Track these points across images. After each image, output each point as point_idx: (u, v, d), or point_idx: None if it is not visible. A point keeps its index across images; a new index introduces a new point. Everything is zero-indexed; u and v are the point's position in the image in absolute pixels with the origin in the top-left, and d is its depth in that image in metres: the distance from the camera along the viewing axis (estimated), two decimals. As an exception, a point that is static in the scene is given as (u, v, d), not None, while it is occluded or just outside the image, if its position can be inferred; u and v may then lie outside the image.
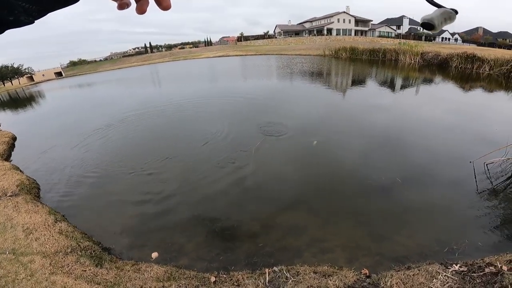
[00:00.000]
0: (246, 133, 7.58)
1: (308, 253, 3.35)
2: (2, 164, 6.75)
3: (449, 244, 3.29)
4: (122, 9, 0.48)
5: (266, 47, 53.31)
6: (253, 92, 13.48)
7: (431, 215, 3.94)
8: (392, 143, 6.34)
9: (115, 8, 0.49)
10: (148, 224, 4.23)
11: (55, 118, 13.98)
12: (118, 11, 0.50)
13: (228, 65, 31.14)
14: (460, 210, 4.00)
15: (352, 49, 27.36)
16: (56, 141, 9.05)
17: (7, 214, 4.37)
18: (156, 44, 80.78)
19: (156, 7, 0.48)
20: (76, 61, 69.53)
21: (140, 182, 5.55)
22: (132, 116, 11.45)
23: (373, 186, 4.68)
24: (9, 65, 47.55)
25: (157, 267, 3.20)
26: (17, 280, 3.10)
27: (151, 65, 48.49)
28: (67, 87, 32.15)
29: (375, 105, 9.89)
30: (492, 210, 3.89)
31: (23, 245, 3.66)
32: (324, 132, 7.04)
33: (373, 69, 19.76)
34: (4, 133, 10.72)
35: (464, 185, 4.52)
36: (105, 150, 7.62)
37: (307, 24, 66.59)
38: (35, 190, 5.48)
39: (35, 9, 0.44)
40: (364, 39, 48.58)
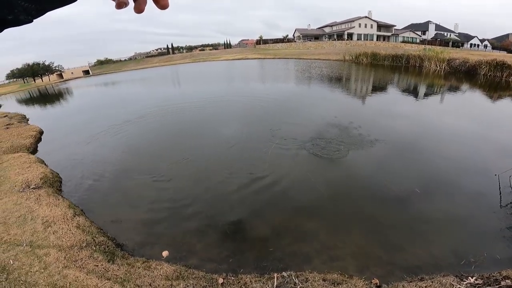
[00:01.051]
0: (260, 137, 7.56)
1: (318, 260, 3.31)
2: (28, 157, 7.15)
3: (466, 256, 3.18)
4: (120, 8, 0.47)
5: (285, 51, 53.24)
6: (266, 97, 13.46)
7: (449, 226, 3.79)
8: (413, 152, 6.11)
9: None
10: (161, 222, 4.31)
11: (80, 114, 14.69)
12: None
13: (247, 68, 31.39)
14: (481, 223, 3.85)
15: (374, 54, 26.70)
16: (80, 136, 9.51)
17: (29, 206, 4.57)
18: (177, 46, 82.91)
19: (179, 8, 0.46)
20: (103, 60, 72.81)
21: (157, 181, 5.68)
22: (152, 113, 11.88)
23: (390, 195, 4.56)
24: (40, 62, 50.52)
25: (167, 265, 3.25)
26: (30, 272, 3.21)
27: (172, 66, 49.87)
28: (93, 85, 33.70)
29: (396, 112, 9.57)
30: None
31: (40, 238, 3.80)
32: (342, 138, 6.88)
33: (395, 76, 19.15)
34: (32, 127, 11.39)
35: (487, 198, 4.34)
36: (126, 147, 7.91)
37: (327, 28, 65.82)
38: (57, 184, 5.74)
39: (34, 8, 0.45)
40: (386, 44, 47.29)
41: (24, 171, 6.10)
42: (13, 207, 4.57)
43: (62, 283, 3.00)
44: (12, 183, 5.47)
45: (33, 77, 50.63)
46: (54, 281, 3.05)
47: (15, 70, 50.57)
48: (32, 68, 49.25)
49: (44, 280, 3.07)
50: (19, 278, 3.12)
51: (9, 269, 3.26)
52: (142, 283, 2.96)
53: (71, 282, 3.01)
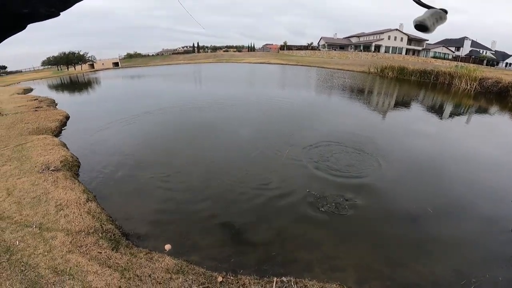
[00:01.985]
0: (272, 144, 7.51)
1: (319, 269, 3.29)
2: (52, 140, 7.52)
3: (468, 277, 3.17)
4: None
5: (308, 58, 52.97)
6: (281, 105, 13.40)
7: (455, 247, 3.73)
8: (431, 172, 5.87)
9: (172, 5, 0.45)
10: (168, 216, 4.37)
11: (105, 103, 15.40)
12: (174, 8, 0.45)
13: (267, 73, 31.50)
14: (488, 246, 3.79)
15: (401, 68, 25.91)
16: (103, 124, 9.92)
17: (45, 188, 4.74)
18: (203, 45, 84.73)
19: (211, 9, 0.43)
20: (132, 54, 75.73)
21: (169, 175, 5.78)
22: (172, 108, 12.26)
23: (400, 212, 4.47)
24: (75, 51, 53.36)
25: (169, 258, 3.28)
26: (33, 255, 3.27)
27: (196, 64, 51.02)
28: (120, 77, 35.11)
29: (417, 130, 9.20)
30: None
31: (51, 221, 3.89)
32: (356, 152, 6.68)
33: (421, 92, 18.46)
34: (59, 111, 12.01)
35: (499, 224, 4.23)
36: (144, 139, 8.15)
37: (354, 39, 64.79)
38: (75, 168, 5.98)
39: None
40: (415, 59, 45.81)
41: (46, 152, 6.41)
42: (30, 188, 4.76)
43: (62, 267, 3.06)
44: (33, 163, 5.76)
45: (66, 65, 53.54)
46: (55, 264, 3.10)
47: (51, 57, 53.64)
48: (67, 56, 52.08)
49: (45, 263, 3.13)
50: (20, 260, 3.19)
51: (13, 250, 3.34)
52: (142, 274, 3.00)
53: (72, 267, 3.07)
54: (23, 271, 3.02)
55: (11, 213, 4.05)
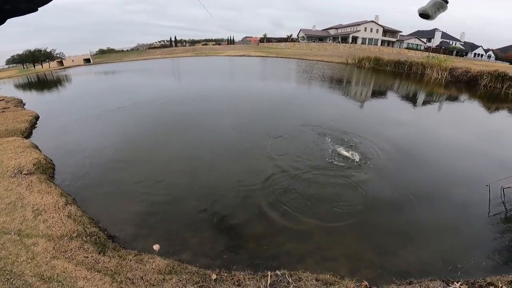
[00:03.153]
0: (255, 136, 7.51)
1: (312, 260, 3.35)
2: (22, 142, 7.03)
3: (454, 263, 3.29)
4: None
5: (288, 50, 53.07)
6: (262, 96, 13.40)
7: (438, 233, 3.92)
8: (408, 160, 6.14)
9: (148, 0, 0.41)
10: (155, 215, 4.25)
11: (77, 101, 14.54)
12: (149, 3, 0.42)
13: (248, 65, 31.26)
14: (469, 231, 3.98)
15: (377, 59, 26.70)
16: (76, 123, 9.39)
17: (20, 193, 4.45)
18: (180, 39, 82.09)
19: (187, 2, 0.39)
20: (105, 50, 71.91)
21: (152, 171, 5.62)
22: (147, 103, 11.85)
23: (384, 200, 4.61)
24: (42, 49, 49.93)
25: (160, 259, 3.21)
26: (16, 262, 3.11)
27: (174, 58, 49.49)
28: (92, 73, 33.34)
29: (392, 119, 9.58)
30: (501, 234, 3.87)
31: (30, 227, 3.69)
32: (336, 142, 6.84)
33: (396, 82, 19.17)
34: (28, 111, 11.23)
35: (477, 208, 4.50)
36: (121, 136, 7.83)
37: (332, 30, 65.62)
38: (50, 170, 5.64)
39: None
40: (390, 50, 47.27)
41: (17, 155, 5.99)
42: (3, 193, 4.46)
43: (49, 274, 2.92)
44: (4, 167, 5.36)
45: (33, 63, 50.04)
46: (41, 271, 2.96)
47: (15, 55, 49.96)
48: (33, 54, 48.71)
49: (30, 270, 2.98)
50: (4, 268, 3.02)
51: None
52: (134, 276, 2.91)
53: (59, 273, 2.93)
54: (9, 279, 2.86)
55: None
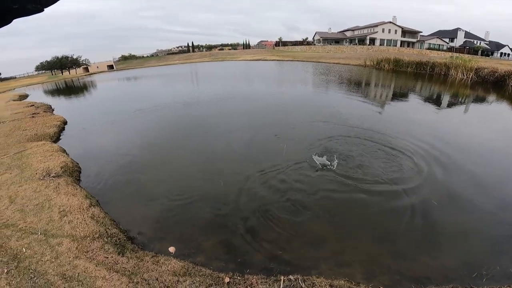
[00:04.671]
0: (271, 139, 7.53)
1: (326, 265, 3.29)
2: (51, 146, 7.46)
3: (479, 269, 3.14)
4: None
5: (303, 53, 52.79)
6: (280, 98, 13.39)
7: (464, 239, 3.73)
8: (433, 163, 5.84)
9: (159, 5, 0.43)
10: (172, 218, 4.37)
11: (102, 106, 15.35)
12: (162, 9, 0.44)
13: (264, 69, 31.40)
14: (497, 237, 3.75)
15: (396, 60, 25.92)
16: (101, 128, 9.92)
17: (47, 195, 4.71)
18: (197, 44, 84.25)
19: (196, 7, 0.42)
20: (127, 56, 75.24)
21: (170, 175, 5.81)
22: (169, 109, 12.25)
23: (405, 205, 4.44)
24: (69, 55, 52.98)
25: (175, 261, 3.27)
26: (41, 261, 3.25)
27: (192, 64, 50.75)
28: (116, 79, 34.91)
29: (416, 121, 9.21)
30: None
31: (55, 227, 3.87)
32: (358, 147, 6.69)
33: (418, 83, 18.49)
34: (56, 117, 11.92)
35: (508, 214, 4.19)
36: (144, 141, 8.13)
37: (349, 32, 64.59)
38: (76, 173, 5.95)
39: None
40: (411, 51, 45.77)
41: (46, 159, 6.38)
42: (32, 195, 4.73)
43: (71, 273, 3.04)
44: (34, 170, 5.72)
45: (60, 70, 53.11)
46: (63, 271, 3.09)
47: (44, 62, 53.30)
48: (60, 61, 51.69)
49: (53, 269, 3.12)
50: (29, 267, 3.17)
51: (20, 257, 3.32)
52: (149, 277, 2.99)
53: (80, 273, 3.05)
54: (32, 278, 3.01)
55: (15, 220, 4.03)
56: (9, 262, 3.24)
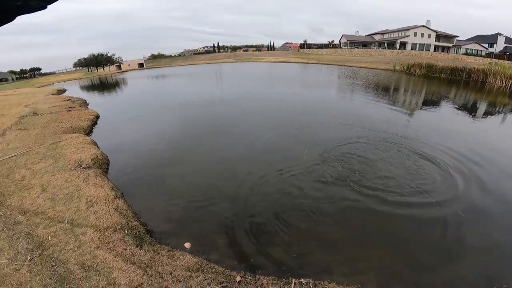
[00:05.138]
0: (291, 141, 7.46)
1: (339, 271, 3.25)
2: (84, 138, 7.98)
3: (499, 282, 3.01)
4: None
5: (329, 56, 51.75)
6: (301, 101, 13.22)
7: (487, 252, 3.55)
8: (463, 174, 5.51)
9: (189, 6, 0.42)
10: (191, 214, 4.50)
11: (132, 103, 16.18)
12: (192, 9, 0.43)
13: (288, 72, 31.23)
14: None
15: (429, 66, 24.59)
16: (130, 123, 10.49)
17: (77, 185, 5.01)
18: (223, 45, 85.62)
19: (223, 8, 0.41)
20: (156, 55, 78.34)
21: (191, 172, 5.99)
22: (196, 105, 12.69)
23: (428, 215, 4.27)
24: (104, 53, 56.27)
25: (190, 257, 3.35)
26: (64, 250, 3.41)
27: (216, 64, 51.75)
28: (145, 77, 36.50)
29: (447, 129, 8.68)
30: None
31: (81, 217, 4.08)
32: (381, 152, 6.44)
33: (452, 90, 17.41)
34: (90, 111, 12.71)
35: None
36: (170, 138, 8.47)
37: (377, 36, 62.28)
38: (105, 166, 6.31)
39: None
40: (445, 56, 43.15)
41: (79, 150, 6.82)
42: (63, 184, 5.06)
43: (90, 263, 3.18)
44: (67, 161, 6.15)
45: (96, 67, 56.54)
46: (84, 260, 3.23)
47: (82, 59, 57.04)
48: (96, 58, 55.06)
49: (74, 259, 3.26)
50: (52, 255, 3.32)
51: (45, 245, 3.50)
52: (163, 271, 3.09)
53: (99, 263, 3.19)
54: (53, 266, 3.16)
55: (45, 208, 4.32)
56: (33, 250, 3.42)
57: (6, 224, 3.97)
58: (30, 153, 6.84)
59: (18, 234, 3.74)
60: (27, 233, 3.76)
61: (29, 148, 7.20)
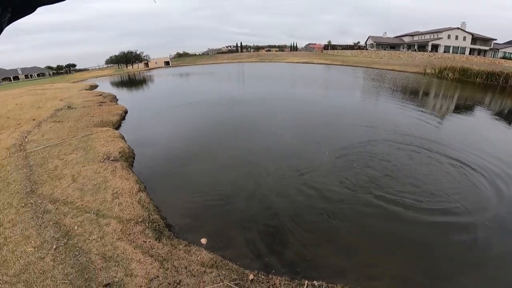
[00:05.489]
0: (311, 141, 7.36)
1: (353, 276, 3.19)
2: (113, 132, 8.41)
3: None
4: None
5: (354, 58, 50.31)
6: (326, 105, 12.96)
7: (508, 263, 3.39)
8: (495, 184, 5.16)
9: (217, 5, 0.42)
10: (209, 211, 4.59)
11: (158, 99, 16.86)
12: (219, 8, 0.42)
13: (311, 73, 30.78)
14: None
15: (463, 69, 23.09)
16: (156, 118, 10.93)
17: (105, 176, 5.27)
18: (245, 45, 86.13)
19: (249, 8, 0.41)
20: (181, 53, 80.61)
21: (212, 169, 6.11)
22: (219, 103, 12.97)
23: (452, 224, 4.09)
24: (133, 51, 58.64)
25: (205, 253, 3.42)
26: (88, 240, 3.53)
27: (239, 63, 52.21)
28: (170, 75, 37.70)
29: (480, 137, 8.12)
30: None
31: (107, 208, 4.24)
32: (406, 157, 6.17)
33: (487, 95, 16.25)
34: (119, 106, 13.37)
35: None
36: (194, 131, 8.79)
37: (407, 38, 59.47)
38: (131, 159, 6.61)
39: None
40: (481, 59, 40.36)
41: (108, 143, 7.21)
42: (92, 175, 5.35)
43: (111, 254, 3.29)
44: (96, 153, 6.52)
45: (125, 64, 59.17)
46: (105, 251, 3.34)
47: (113, 56, 59.86)
48: (126, 55, 57.52)
49: (97, 249, 3.38)
50: (76, 245, 3.45)
51: (70, 235, 3.65)
52: (179, 265, 3.17)
53: (119, 254, 3.30)
54: (76, 255, 3.29)
55: (74, 198, 4.56)
56: (59, 239, 3.58)
57: (36, 212, 4.17)
58: (63, 144, 7.32)
59: (46, 222, 3.91)
60: (55, 222, 3.93)
61: (62, 139, 7.72)
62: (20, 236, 3.64)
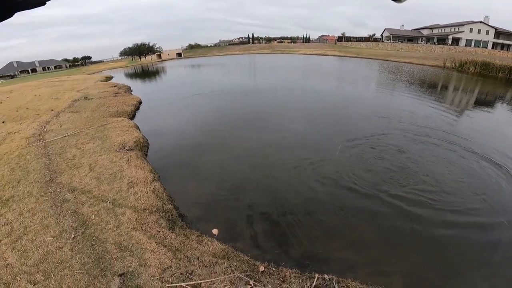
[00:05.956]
0: (322, 137, 7.26)
1: (364, 271, 3.17)
2: (128, 122, 8.58)
3: None
4: None
5: (369, 50, 48.77)
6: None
7: None
8: None
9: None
10: (222, 201, 4.63)
11: (171, 90, 17.04)
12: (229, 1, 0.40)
13: (324, 64, 30.17)
14: None
15: (485, 64, 22.00)
16: (169, 109, 11.12)
17: (120, 165, 5.38)
18: (257, 36, 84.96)
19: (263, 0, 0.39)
20: (193, 45, 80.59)
21: (225, 160, 6.13)
22: (230, 93, 13.07)
23: (469, 221, 3.98)
24: (146, 43, 59.14)
25: (217, 243, 3.45)
26: (104, 229, 3.58)
27: (251, 55, 51.74)
28: (182, 66, 37.89)
29: (504, 134, 7.78)
30: None
31: (122, 197, 4.29)
32: (422, 150, 6.00)
33: (509, 90, 15.49)
34: (134, 97, 13.60)
35: None
36: (206, 122, 8.83)
37: (426, 30, 56.99)
38: (145, 148, 6.74)
39: None
40: (505, 54, 38.26)
41: (123, 133, 7.37)
42: (108, 164, 5.47)
43: (126, 244, 3.34)
44: (112, 142, 6.67)
45: (139, 56, 59.80)
46: (120, 240, 3.39)
47: (126, 48, 60.55)
48: (139, 47, 58.06)
49: (112, 238, 3.42)
50: (93, 234, 3.50)
51: (88, 224, 3.70)
52: (191, 256, 3.21)
53: (134, 244, 3.34)
54: (93, 245, 3.34)
55: (91, 187, 4.65)
56: (77, 228, 3.64)
57: (55, 201, 4.27)
58: (80, 134, 7.54)
59: (65, 211, 3.98)
60: (74, 211, 4.00)
61: (80, 129, 7.94)
62: (39, 225, 3.69)
